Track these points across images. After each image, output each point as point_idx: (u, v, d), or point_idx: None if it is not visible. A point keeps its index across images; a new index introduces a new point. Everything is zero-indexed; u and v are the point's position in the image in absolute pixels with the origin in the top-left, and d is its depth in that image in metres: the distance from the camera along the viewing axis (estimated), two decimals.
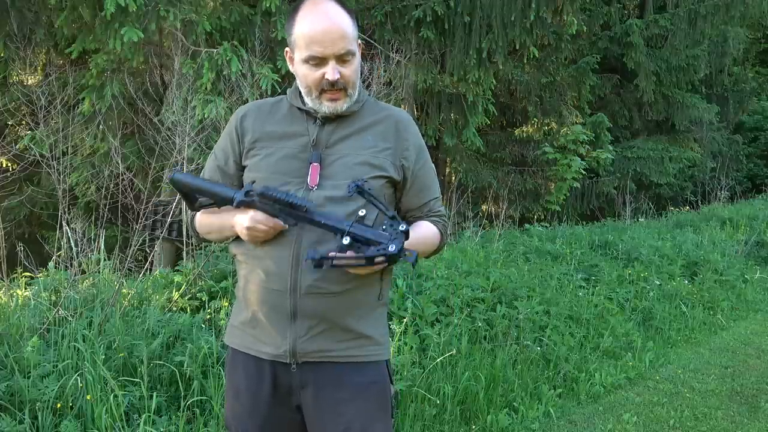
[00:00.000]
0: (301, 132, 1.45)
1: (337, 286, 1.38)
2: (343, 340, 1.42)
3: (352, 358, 1.43)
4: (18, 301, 3.10)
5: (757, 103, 16.40)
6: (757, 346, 4.98)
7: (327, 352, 1.41)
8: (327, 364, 1.42)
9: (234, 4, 5.37)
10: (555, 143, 9.25)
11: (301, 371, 1.42)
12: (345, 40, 1.36)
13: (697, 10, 10.85)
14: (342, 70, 1.37)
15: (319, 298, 1.38)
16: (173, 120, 4.23)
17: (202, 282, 3.60)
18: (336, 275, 1.37)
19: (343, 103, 1.41)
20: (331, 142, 1.44)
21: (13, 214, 5.72)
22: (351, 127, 1.45)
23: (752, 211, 10.18)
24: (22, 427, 2.28)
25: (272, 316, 1.41)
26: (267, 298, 1.40)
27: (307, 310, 1.38)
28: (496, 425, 3.17)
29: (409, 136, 1.50)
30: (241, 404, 1.48)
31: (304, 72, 1.39)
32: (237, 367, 1.49)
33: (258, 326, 1.44)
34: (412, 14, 6.68)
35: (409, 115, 1.58)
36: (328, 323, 1.40)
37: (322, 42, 1.34)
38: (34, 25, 5.27)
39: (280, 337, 1.40)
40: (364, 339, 1.44)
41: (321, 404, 1.42)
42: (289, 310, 1.38)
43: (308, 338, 1.39)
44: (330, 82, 1.37)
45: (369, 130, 1.46)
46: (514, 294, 4.34)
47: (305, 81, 1.40)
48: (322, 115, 1.44)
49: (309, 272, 1.36)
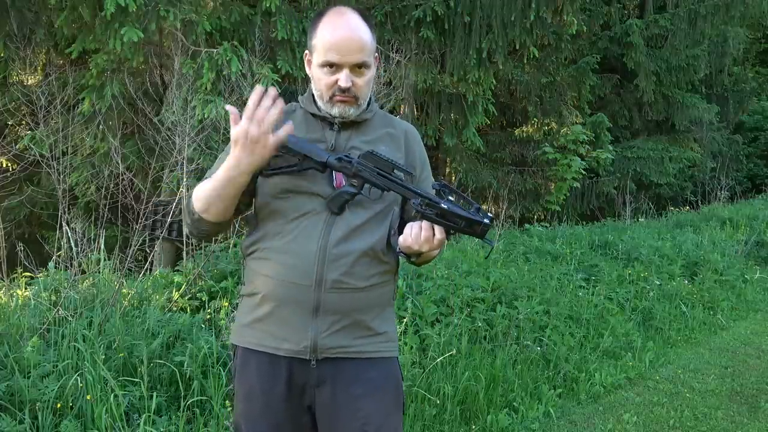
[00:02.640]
0: (320, 138, 1.48)
1: (361, 282, 1.42)
2: (361, 336, 1.45)
3: (369, 354, 1.46)
4: (18, 301, 3.10)
5: (757, 103, 16.41)
6: (757, 346, 4.98)
7: (346, 348, 1.43)
8: (345, 360, 1.44)
9: (234, 4, 5.37)
10: (555, 143, 9.25)
11: (320, 368, 1.43)
12: (362, 51, 1.41)
13: (697, 10, 10.86)
14: (355, 79, 1.42)
15: (343, 294, 1.40)
16: (173, 120, 4.23)
17: (202, 282, 3.60)
18: (361, 271, 1.41)
19: (352, 108, 1.45)
20: (348, 148, 1.47)
21: (13, 214, 5.72)
22: (367, 136, 1.51)
23: (752, 211, 10.18)
24: (22, 427, 2.28)
25: (294, 311, 1.41)
26: (289, 292, 1.41)
27: (331, 305, 1.40)
28: (496, 425, 3.17)
29: (416, 148, 1.59)
30: (253, 404, 1.47)
31: (320, 76, 1.44)
32: (249, 366, 1.48)
33: (276, 322, 1.44)
34: (412, 14, 6.69)
35: (415, 128, 1.64)
36: (349, 319, 1.43)
37: (339, 50, 1.39)
38: (34, 25, 5.27)
39: (301, 333, 1.41)
40: (380, 335, 1.48)
41: (338, 400, 1.44)
42: (312, 305, 1.40)
43: (330, 334, 1.41)
44: (341, 89, 1.41)
45: (382, 141, 1.52)
46: (514, 294, 4.34)
47: (318, 84, 1.45)
48: (333, 118, 1.47)
49: (335, 267, 1.39)
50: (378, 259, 1.45)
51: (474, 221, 1.33)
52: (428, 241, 1.35)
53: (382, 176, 1.40)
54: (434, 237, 1.35)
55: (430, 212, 1.34)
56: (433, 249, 1.37)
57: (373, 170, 1.39)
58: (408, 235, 1.37)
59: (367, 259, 1.43)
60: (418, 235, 1.35)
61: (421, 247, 1.36)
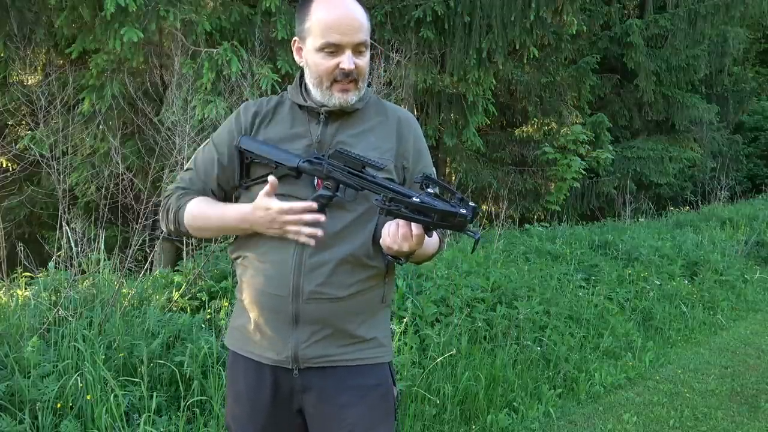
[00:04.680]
0: (303, 133, 1.42)
1: (340, 291, 1.36)
2: (345, 344, 1.40)
3: (355, 362, 1.41)
4: (18, 301, 3.10)
5: (757, 103, 16.39)
6: (757, 346, 4.98)
7: (329, 357, 1.39)
8: (330, 368, 1.40)
9: (234, 4, 5.37)
10: (555, 143, 9.24)
11: (303, 376, 1.40)
12: (362, 31, 1.35)
13: (697, 10, 10.85)
14: (357, 60, 1.35)
15: (321, 304, 1.36)
16: (173, 120, 4.23)
17: (202, 282, 3.60)
18: (340, 280, 1.35)
19: (353, 95, 1.38)
20: (334, 144, 1.40)
21: (13, 214, 5.71)
22: (354, 129, 1.43)
23: (752, 211, 10.18)
24: (22, 427, 2.28)
25: (273, 322, 1.39)
26: (268, 303, 1.38)
27: (309, 315, 1.36)
28: (496, 425, 3.17)
29: (410, 137, 1.49)
30: (241, 408, 1.47)
31: (317, 61, 1.35)
32: (237, 370, 1.47)
33: (259, 331, 1.42)
34: (412, 14, 6.68)
35: (412, 115, 1.56)
36: (330, 329, 1.38)
37: (339, 29, 1.32)
38: (34, 25, 5.26)
39: (282, 343, 1.38)
40: (367, 342, 1.43)
41: (323, 409, 1.41)
42: (291, 315, 1.36)
43: (310, 344, 1.37)
44: (345, 72, 1.34)
45: (372, 132, 1.44)
46: (514, 294, 4.34)
47: (317, 70, 1.36)
48: (328, 109, 1.39)
49: (312, 278, 1.34)
50: (361, 265, 1.37)
51: (448, 213, 1.18)
52: (406, 238, 1.23)
53: (354, 175, 1.30)
54: (412, 233, 1.22)
55: (395, 207, 1.20)
56: (413, 247, 1.25)
57: (344, 169, 1.30)
58: (386, 234, 1.26)
59: (347, 267, 1.36)
60: (396, 233, 1.24)
61: (401, 247, 1.24)
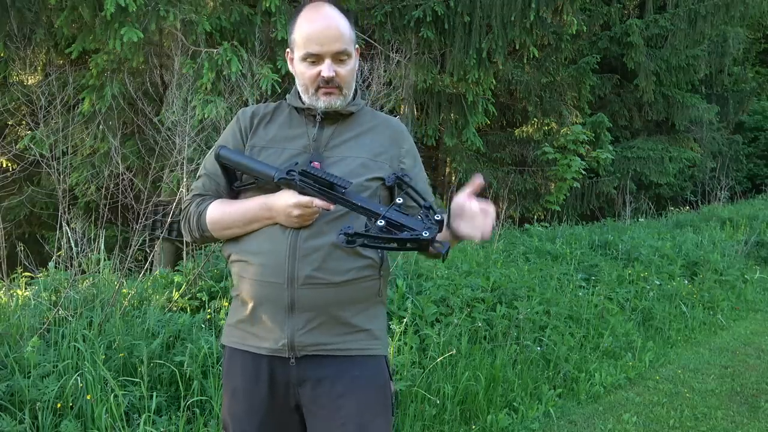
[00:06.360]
0: (300, 134, 1.49)
1: (335, 276, 1.39)
2: (341, 333, 1.42)
3: (350, 352, 1.43)
4: (18, 301, 3.10)
5: (757, 103, 16.37)
6: (757, 346, 4.98)
7: (325, 345, 1.41)
8: (326, 358, 1.42)
9: (234, 4, 5.37)
10: (555, 143, 9.24)
11: (300, 366, 1.42)
12: (341, 40, 1.43)
13: (697, 10, 10.85)
14: (337, 69, 1.44)
15: (317, 289, 1.38)
16: (173, 120, 4.23)
17: (202, 282, 3.60)
18: (335, 265, 1.39)
19: (338, 99, 1.46)
20: (330, 145, 1.48)
21: (13, 214, 5.72)
22: (350, 132, 1.51)
23: (752, 211, 10.19)
24: (22, 427, 2.28)
25: (270, 310, 1.41)
26: (264, 291, 1.41)
27: (305, 301, 1.38)
28: (496, 425, 3.17)
29: (404, 143, 1.56)
30: (238, 404, 1.48)
31: (302, 70, 1.46)
32: (234, 365, 1.50)
33: (256, 322, 1.45)
34: (412, 14, 6.68)
35: (403, 124, 1.63)
36: (326, 315, 1.40)
37: (318, 40, 1.41)
38: (34, 25, 5.26)
39: (279, 331, 1.41)
40: (362, 333, 1.45)
41: (320, 399, 1.42)
42: (286, 302, 1.39)
43: (306, 331, 1.40)
44: (325, 79, 1.43)
45: (367, 135, 1.51)
46: (514, 294, 4.34)
47: (302, 78, 1.47)
48: (320, 111, 1.47)
49: (306, 263, 1.37)
50: (354, 252, 1.41)
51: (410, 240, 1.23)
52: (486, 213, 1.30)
53: (324, 193, 1.36)
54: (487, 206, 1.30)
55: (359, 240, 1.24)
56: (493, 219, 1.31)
57: (314, 186, 1.36)
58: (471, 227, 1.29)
59: (340, 253, 1.39)
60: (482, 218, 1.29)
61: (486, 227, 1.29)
